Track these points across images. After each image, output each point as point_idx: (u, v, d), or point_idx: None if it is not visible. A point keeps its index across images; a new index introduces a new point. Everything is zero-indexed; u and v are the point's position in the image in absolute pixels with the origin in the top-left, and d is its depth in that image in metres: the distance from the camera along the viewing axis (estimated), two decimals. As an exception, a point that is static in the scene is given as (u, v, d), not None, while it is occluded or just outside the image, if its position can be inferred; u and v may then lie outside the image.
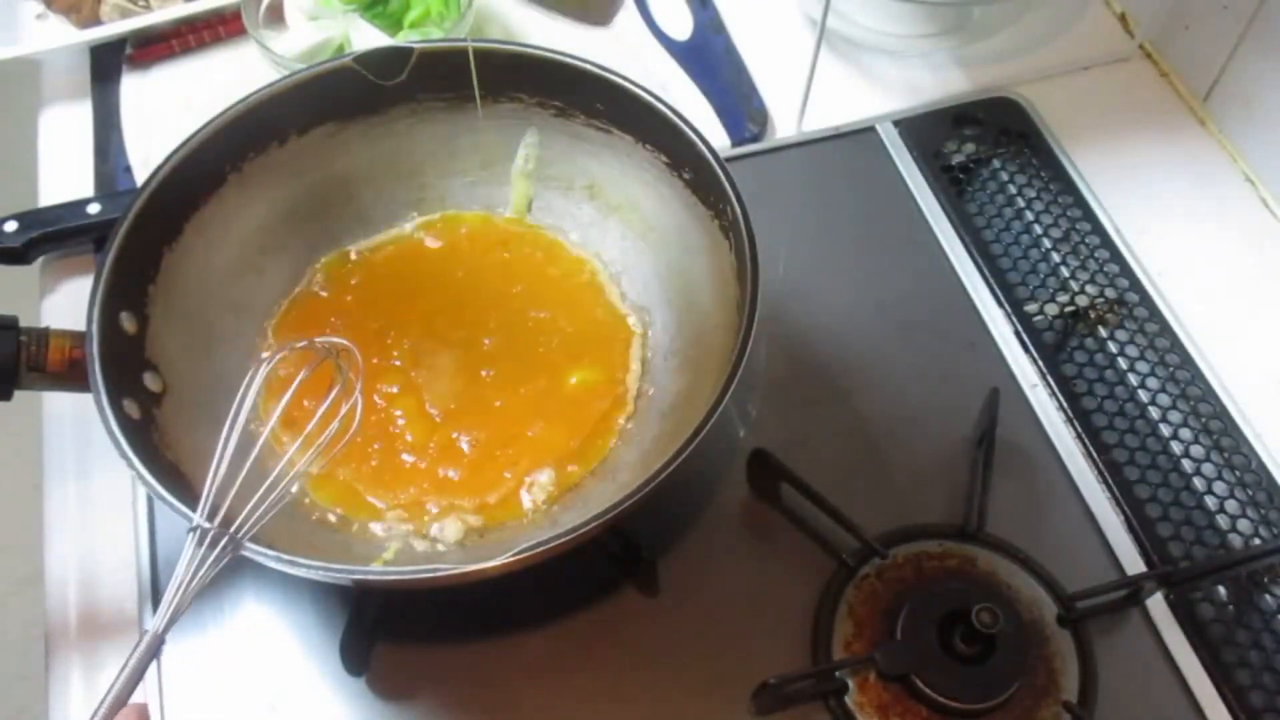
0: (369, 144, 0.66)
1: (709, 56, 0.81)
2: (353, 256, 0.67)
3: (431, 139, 0.66)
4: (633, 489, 0.49)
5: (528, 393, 0.62)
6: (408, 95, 0.65)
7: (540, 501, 0.58)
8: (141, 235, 0.57)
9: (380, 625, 0.56)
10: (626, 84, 0.61)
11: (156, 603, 0.58)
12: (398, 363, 0.62)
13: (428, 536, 0.57)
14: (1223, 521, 0.60)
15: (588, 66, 0.62)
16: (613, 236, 0.67)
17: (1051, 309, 0.69)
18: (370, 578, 0.50)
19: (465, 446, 0.60)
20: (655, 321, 0.64)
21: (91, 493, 0.63)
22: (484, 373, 0.62)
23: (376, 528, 0.58)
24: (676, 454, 0.49)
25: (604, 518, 0.48)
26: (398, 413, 0.61)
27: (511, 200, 0.68)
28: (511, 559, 0.48)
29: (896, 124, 0.77)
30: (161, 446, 0.53)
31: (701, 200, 0.61)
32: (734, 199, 0.57)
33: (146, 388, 0.55)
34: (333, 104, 0.64)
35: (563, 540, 0.48)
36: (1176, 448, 0.63)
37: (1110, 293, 0.69)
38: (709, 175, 0.59)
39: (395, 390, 0.61)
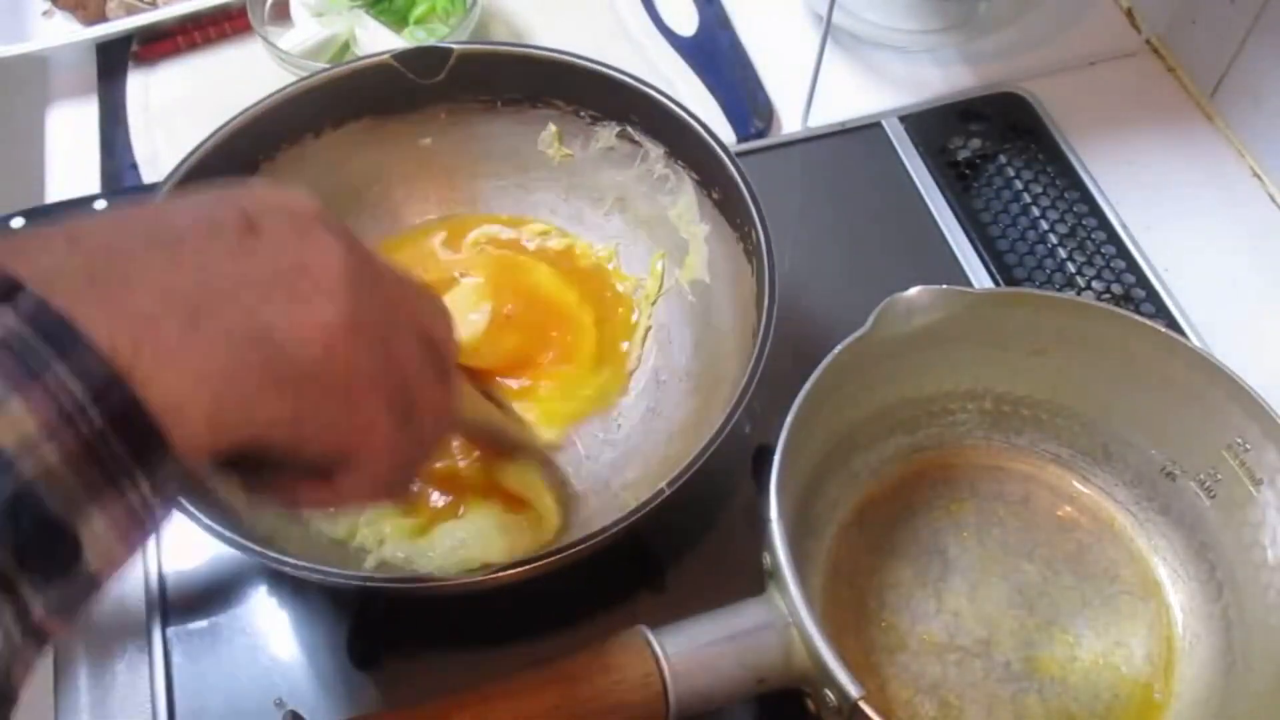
0: (402, 141, 0.65)
1: (714, 52, 0.81)
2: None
3: (465, 140, 0.66)
4: (628, 511, 0.49)
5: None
6: (445, 95, 0.64)
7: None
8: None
9: (390, 622, 0.56)
10: (663, 99, 0.61)
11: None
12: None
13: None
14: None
15: (626, 79, 0.62)
16: (639, 251, 0.66)
17: (1058, 305, 0.69)
18: (372, 585, 0.50)
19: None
20: (673, 340, 0.64)
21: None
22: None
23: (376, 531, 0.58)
24: (673, 481, 0.49)
25: (591, 541, 0.48)
26: None
27: (545, 208, 0.68)
28: (510, 573, 0.48)
29: (902, 119, 0.77)
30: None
31: (729, 222, 0.60)
32: (759, 224, 0.56)
33: None
34: (369, 100, 0.64)
35: (562, 555, 0.48)
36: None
37: (1116, 288, 0.69)
38: (737, 198, 0.58)
39: None
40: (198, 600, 0.59)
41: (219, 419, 0.28)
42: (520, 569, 0.48)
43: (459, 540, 0.55)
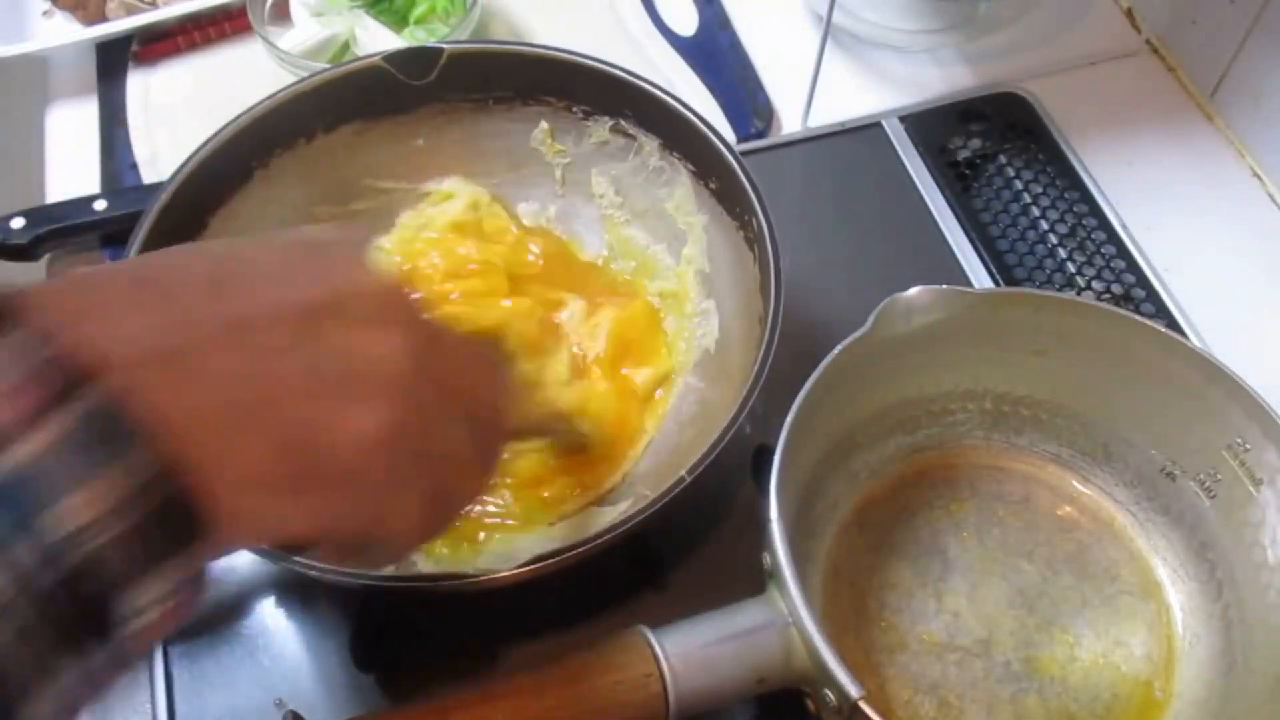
0: (396, 143, 0.65)
1: (714, 52, 0.81)
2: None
3: (459, 140, 0.66)
4: (647, 502, 0.49)
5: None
6: (436, 95, 0.64)
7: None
8: (165, 230, 0.56)
9: (392, 622, 0.56)
10: (657, 91, 0.61)
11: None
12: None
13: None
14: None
15: (617, 73, 0.62)
16: (637, 244, 0.66)
17: (1058, 305, 0.69)
18: (377, 584, 0.50)
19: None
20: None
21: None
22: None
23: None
24: (692, 469, 0.50)
25: (615, 532, 0.48)
26: None
27: (537, 203, 0.68)
28: (522, 570, 0.48)
29: (902, 119, 0.77)
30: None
31: (727, 211, 0.60)
32: (760, 211, 0.56)
33: None
34: (361, 102, 0.63)
35: (574, 553, 0.48)
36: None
37: (1116, 288, 0.69)
38: (735, 186, 0.58)
39: None
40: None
41: (252, 519, 0.30)
42: (522, 568, 0.48)
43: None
